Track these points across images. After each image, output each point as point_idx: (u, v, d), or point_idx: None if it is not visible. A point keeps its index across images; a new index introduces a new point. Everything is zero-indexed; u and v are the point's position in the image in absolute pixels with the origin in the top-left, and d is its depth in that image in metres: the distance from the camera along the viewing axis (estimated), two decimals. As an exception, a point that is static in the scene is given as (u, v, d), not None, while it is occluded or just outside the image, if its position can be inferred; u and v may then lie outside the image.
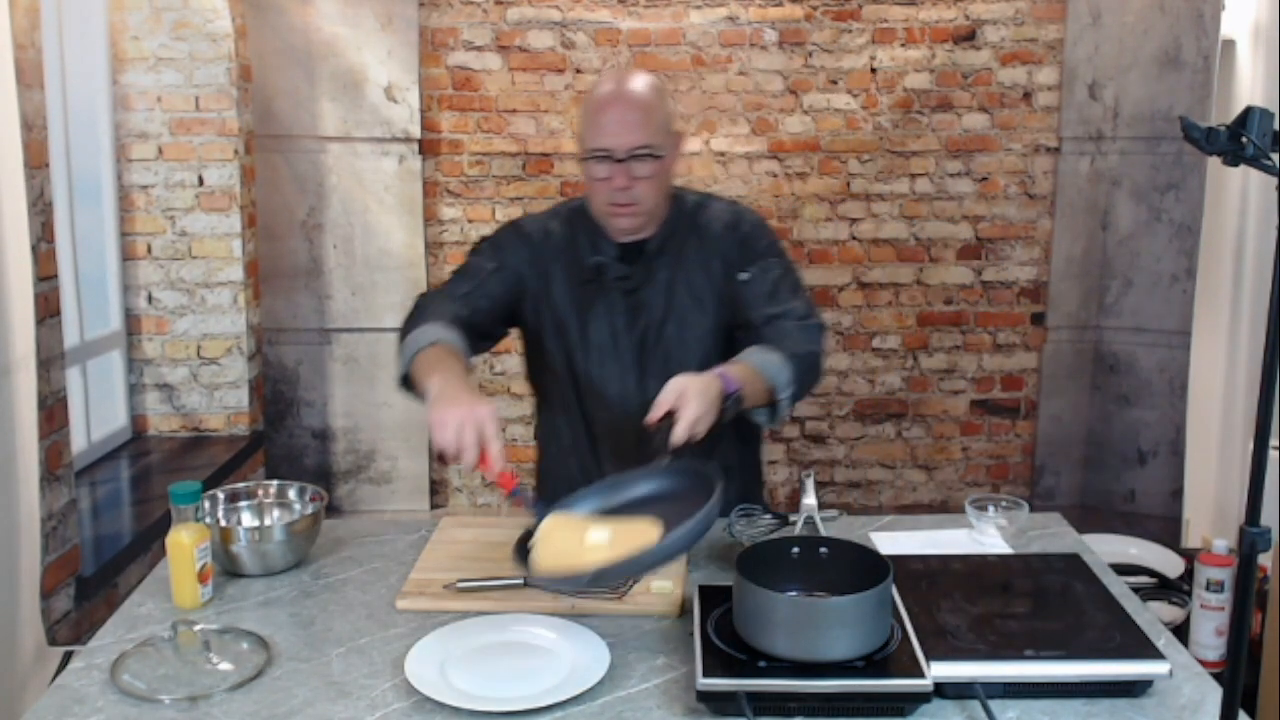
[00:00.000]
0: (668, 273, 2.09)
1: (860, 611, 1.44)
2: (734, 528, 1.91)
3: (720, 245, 2.10)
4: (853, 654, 1.43)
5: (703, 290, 2.09)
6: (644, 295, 2.09)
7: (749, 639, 1.47)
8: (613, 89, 2.00)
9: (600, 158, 1.96)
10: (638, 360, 2.09)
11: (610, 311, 2.09)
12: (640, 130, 1.95)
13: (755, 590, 1.46)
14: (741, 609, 1.49)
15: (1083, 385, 4.19)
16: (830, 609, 1.47)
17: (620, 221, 2.03)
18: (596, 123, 1.97)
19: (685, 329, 2.09)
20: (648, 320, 2.09)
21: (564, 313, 2.11)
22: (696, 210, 2.13)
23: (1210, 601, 2.44)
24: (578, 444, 2.18)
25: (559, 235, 2.13)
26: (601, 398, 2.11)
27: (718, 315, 2.09)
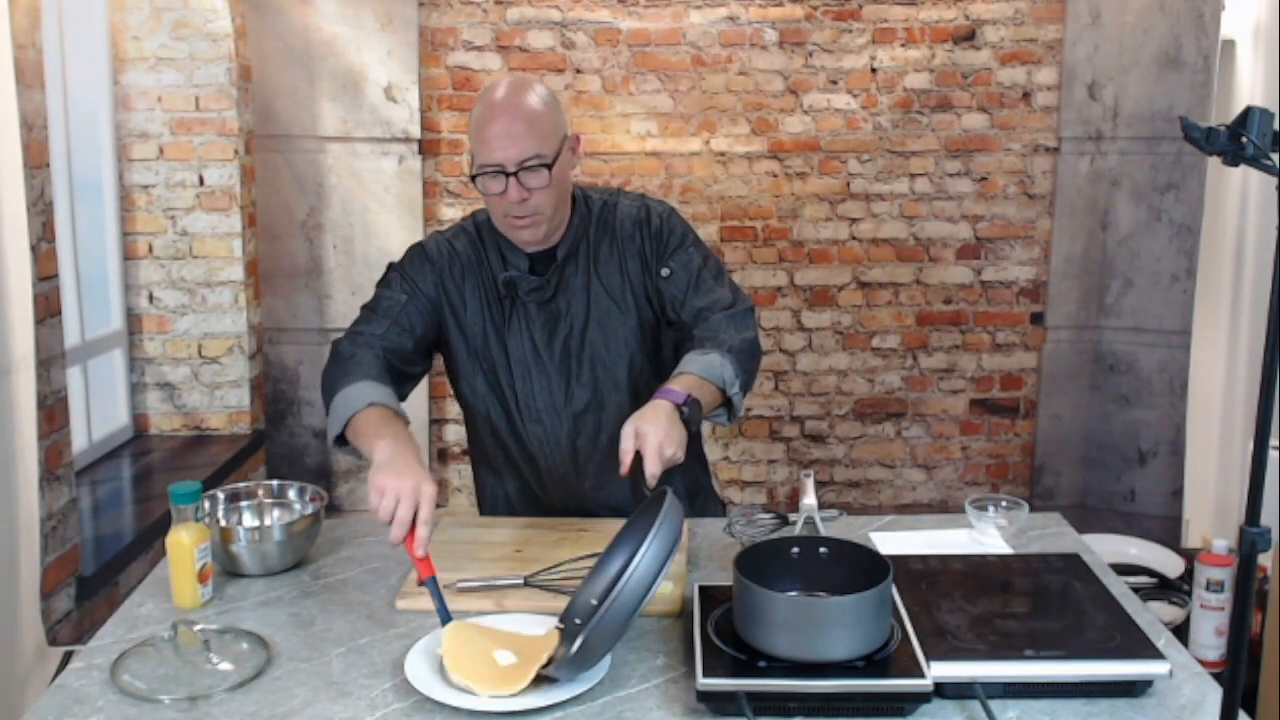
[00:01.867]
0: (583, 277, 2.06)
1: (860, 611, 1.44)
2: (734, 528, 1.91)
3: (633, 243, 2.07)
4: (853, 654, 1.43)
5: (620, 290, 2.07)
6: (560, 303, 2.06)
7: (749, 639, 1.47)
8: (495, 101, 1.93)
9: (492, 173, 1.90)
10: (563, 369, 2.07)
11: (528, 325, 2.06)
12: (527, 140, 1.89)
13: (755, 590, 1.46)
14: (741, 609, 1.49)
15: (1082, 385, 4.19)
16: (830, 609, 1.47)
17: (522, 234, 1.99)
18: (483, 138, 1.90)
19: (608, 331, 2.07)
20: (568, 328, 2.07)
21: (482, 332, 2.08)
22: (604, 210, 2.10)
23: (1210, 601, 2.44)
24: (511, 461, 2.16)
25: (466, 253, 2.08)
26: (531, 411, 2.09)
27: (639, 313, 2.07)
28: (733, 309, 2.02)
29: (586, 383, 2.08)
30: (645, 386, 2.08)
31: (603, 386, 2.08)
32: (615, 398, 2.09)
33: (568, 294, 2.06)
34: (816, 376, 4.21)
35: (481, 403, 2.13)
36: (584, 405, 2.09)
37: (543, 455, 2.12)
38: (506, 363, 2.08)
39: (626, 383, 2.09)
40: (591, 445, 2.11)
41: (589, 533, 1.99)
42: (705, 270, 2.06)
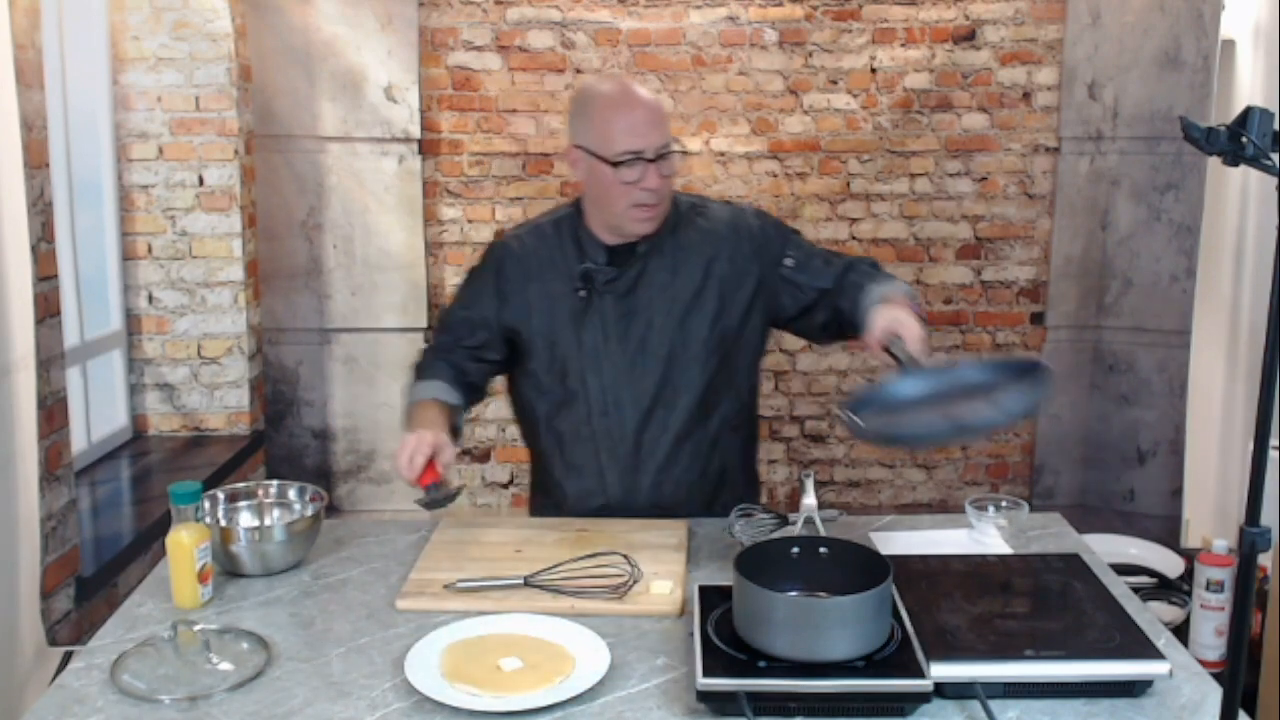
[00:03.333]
0: (667, 274, 2.09)
1: (860, 611, 1.44)
2: (734, 528, 1.91)
3: (727, 244, 2.10)
4: (853, 654, 1.43)
5: (701, 290, 2.09)
6: (640, 298, 2.09)
7: (749, 639, 1.47)
8: (623, 91, 2.03)
9: (632, 160, 1.97)
10: (636, 363, 2.09)
11: (603, 317, 2.09)
12: (663, 128, 2.00)
13: (755, 590, 1.46)
14: (741, 609, 1.49)
15: (1082, 385, 4.19)
16: (830, 609, 1.47)
17: (642, 225, 2.04)
18: (621, 126, 1.98)
19: (686, 329, 2.09)
20: (645, 323, 2.09)
21: (552, 325, 2.10)
22: (692, 211, 2.14)
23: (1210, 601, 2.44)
24: (572, 457, 2.16)
25: (541, 250, 2.13)
26: (599, 403, 2.11)
27: (719, 315, 2.10)
28: (865, 262, 2.11)
29: (658, 378, 2.09)
30: (715, 388, 2.11)
31: (674, 383, 2.09)
32: (685, 397, 2.10)
33: (649, 289, 2.08)
34: (817, 376, 4.21)
35: (542, 399, 2.15)
36: (653, 400, 2.10)
37: (606, 449, 2.13)
38: (579, 353, 2.10)
39: (698, 382, 2.10)
40: (656, 441, 2.11)
41: (589, 533, 1.99)
42: (817, 246, 2.17)
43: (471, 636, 1.60)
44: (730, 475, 2.20)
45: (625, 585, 1.74)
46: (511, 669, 1.50)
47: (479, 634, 1.61)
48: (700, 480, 2.15)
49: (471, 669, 1.50)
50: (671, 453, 2.12)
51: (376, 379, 4.11)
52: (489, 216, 4.11)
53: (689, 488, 2.14)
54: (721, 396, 2.13)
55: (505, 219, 4.10)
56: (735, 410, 2.17)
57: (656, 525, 2.04)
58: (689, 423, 2.11)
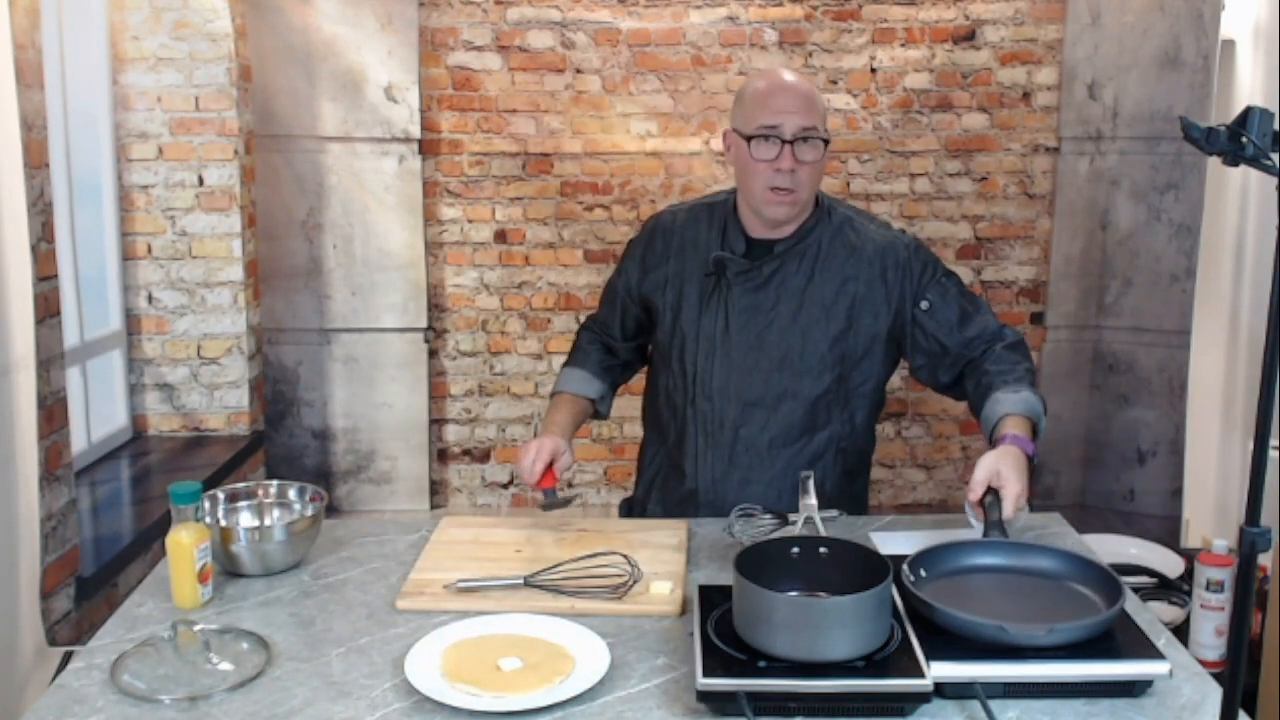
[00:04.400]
0: (801, 278, 2.08)
1: (860, 611, 1.44)
2: (734, 528, 1.91)
3: (872, 267, 2.08)
4: (853, 654, 1.43)
5: (836, 303, 2.08)
6: (769, 295, 2.08)
7: (749, 639, 1.47)
8: (779, 76, 2.07)
9: (767, 136, 1.98)
10: (748, 356, 2.09)
11: (726, 306, 2.09)
12: (809, 112, 2.00)
13: (755, 590, 1.46)
14: (741, 609, 1.49)
15: (1082, 385, 4.19)
16: (830, 609, 1.47)
17: (778, 209, 2.03)
18: (765, 104, 2.00)
19: (807, 338, 2.07)
20: (768, 321, 2.08)
21: (682, 303, 2.14)
22: (846, 223, 2.12)
23: (1210, 601, 2.44)
24: (675, 434, 2.19)
25: (690, 229, 2.16)
26: (704, 388, 2.12)
27: (842, 328, 2.08)
28: (1005, 337, 2.07)
29: (767, 378, 2.09)
30: (824, 405, 2.11)
31: (782, 388, 2.09)
32: (790, 404, 2.09)
33: (779, 289, 2.08)
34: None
35: (665, 372, 2.19)
36: (757, 398, 2.10)
37: (706, 435, 2.13)
38: (696, 336, 2.12)
39: (807, 393, 2.09)
40: (753, 439, 2.11)
41: (589, 533, 1.99)
42: (964, 299, 2.10)
43: (471, 636, 1.60)
44: (827, 494, 2.13)
45: (625, 585, 1.74)
46: (511, 669, 1.50)
47: (479, 634, 1.61)
48: (792, 492, 2.10)
49: (471, 669, 1.50)
50: (766, 455, 2.11)
51: (376, 379, 4.11)
52: (489, 216, 4.11)
53: (778, 494, 2.11)
54: (831, 415, 2.12)
55: (505, 219, 4.11)
56: (845, 433, 2.14)
57: (656, 525, 2.04)
58: (790, 431, 2.10)
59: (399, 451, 4.16)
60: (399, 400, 4.13)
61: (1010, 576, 1.68)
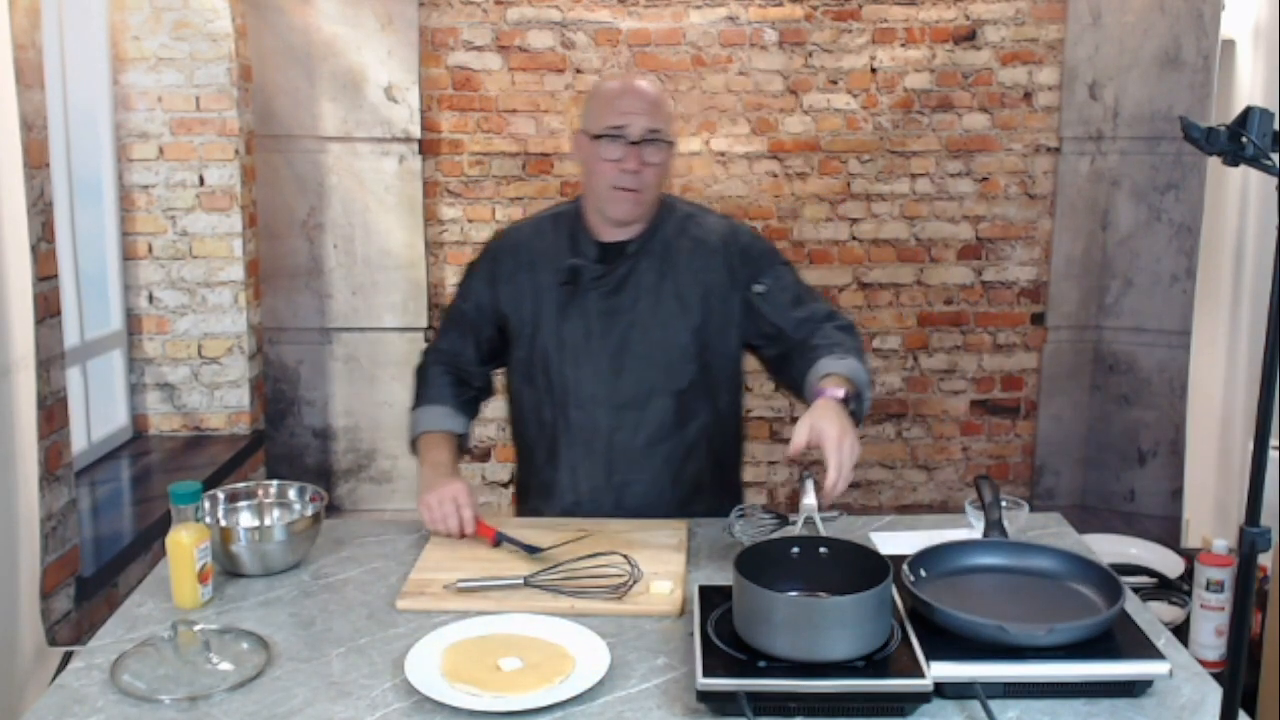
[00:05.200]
0: (654, 277, 2.10)
1: (860, 611, 1.44)
2: (734, 528, 1.91)
3: (717, 257, 2.11)
4: (853, 654, 1.43)
5: (690, 298, 2.10)
6: (625, 298, 2.10)
7: (749, 639, 1.47)
8: (627, 80, 2.08)
9: (613, 137, 2.00)
10: (614, 361, 2.10)
11: (586, 313, 2.10)
12: (654, 115, 2.02)
13: (755, 590, 1.46)
14: (741, 609, 1.49)
15: (1083, 385, 4.19)
16: (830, 609, 1.47)
17: (622, 207, 2.05)
18: (611, 105, 2.02)
19: (667, 334, 2.09)
20: (627, 322, 2.09)
21: (540, 315, 2.13)
22: (688, 220, 2.15)
23: (1210, 601, 2.44)
24: (550, 452, 2.18)
25: (542, 238, 2.16)
26: (575, 398, 2.12)
27: (703, 325, 2.10)
28: (836, 319, 2.08)
29: (635, 378, 2.10)
30: (692, 396, 2.12)
31: (650, 386, 2.10)
32: (660, 400, 2.11)
33: (635, 290, 2.09)
34: (816, 376, 4.21)
35: (528, 388, 2.17)
36: (628, 400, 2.10)
37: (580, 445, 2.14)
38: (559, 347, 2.11)
39: (675, 388, 2.11)
40: (628, 441, 2.12)
41: (589, 533, 1.99)
42: (799, 285, 2.13)
43: (471, 636, 1.60)
44: (705, 486, 2.19)
45: (625, 585, 1.74)
46: (511, 669, 1.50)
47: (479, 634, 1.61)
48: (672, 487, 2.15)
49: (471, 669, 1.50)
50: (643, 456, 2.12)
51: (377, 378, 4.11)
52: (489, 216, 4.11)
53: (659, 493, 2.14)
54: (699, 405, 2.14)
55: (505, 219, 4.10)
56: (713, 421, 2.17)
57: (656, 525, 2.04)
58: (663, 428, 2.12)
59: (400, 451, 4.15)
60: (400, 399, 4.11)
61: (1010, 576, 1.68)
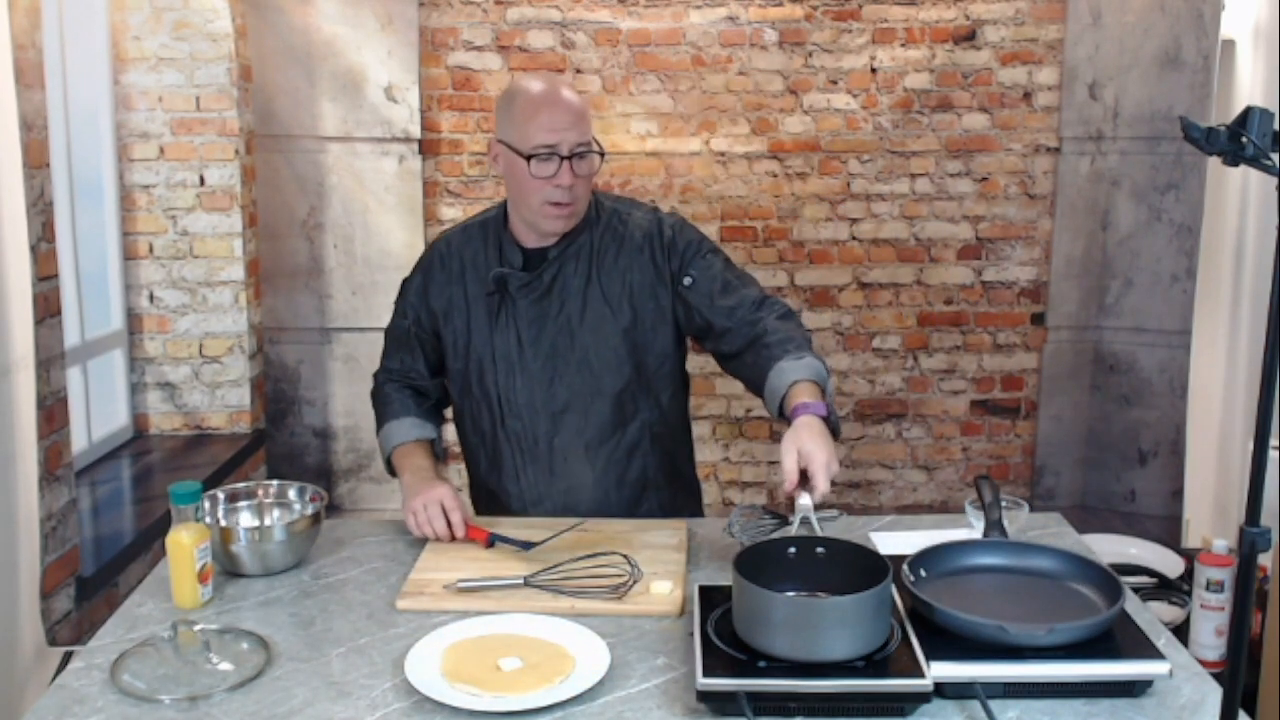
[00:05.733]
0: (581, 279, 2.08)
1: (860, 612, 1.44)
2: (734, 528, 1.91)
3: (642, 254, 2.09)
4: (853, 654, 1.43)
5: (619, 298, 2.08)
6: (553, 302, 2.08)
7: (748, 639, 1.47)
8: (547, 88, 2.00)
9: (545, 155, 1.96)
10: (547, 367, 2.09)
11: (516, 321, 2.09)
12: (581, 127, 1.99)
13: (754, 590, 1.46)
14: (741, 610, 1.49)
15: (1083, 385, 4.19)
16: (829, 609, 1.47)
17: (555, 223, 2.03)
18: (539, 122, 1.96)
19: (599, 336, 2.08)
20: (558, 327, 2.08)
21: (468, 328, 2.12)
22: (614, 217, 2.13)
23: (1210, 601, 2.44)
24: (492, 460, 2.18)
25: (466, 252, 2.14)
26: (511, 407, 2.12)
27: (634, 324, 2.09)
28: (773, 308, 2.05)
29: (570, 383, 2.09)
30: (630, 396, 2.11)
31: (586, 389, 2.09)
32: (598, 403, 2.10)
33: (562, 294, 2.08)
34: (817, 376, 4.21)
35: (467, 399, 2.17)
36: (564, 405, 2.10)
37: (520, 453, 2.14)
38: (492, 357, 2.11)
39: (611, 389, 2.10)
40: (569, 445, 2.12)
41: (589, 533, 1.99)
42: (727, 272, 2.10)
43: (471, 636, 1.60)
44: (654, 483, 2.18)
45: (625, 585, 1.74)
46: (511, 669, 1.50)
47: (479, 634, 1.61)
48: (617, 487, 2.15)
49: (471, 669, 1.50)
50: (585, 459, 2.11)
51: (377, 379, 4.11)
52: (489, 216, 4.10)
53: (605, 494, 2.14)
54: (638, 405, 2.13)
55: (505, 219, 4.10)
56: (655, 419, 2.15)
57: (656, 525, 2.04)
58: (603, 429, 2.11)
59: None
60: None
61: (1010, 576, 1.68)
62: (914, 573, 1.63)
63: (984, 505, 1.83)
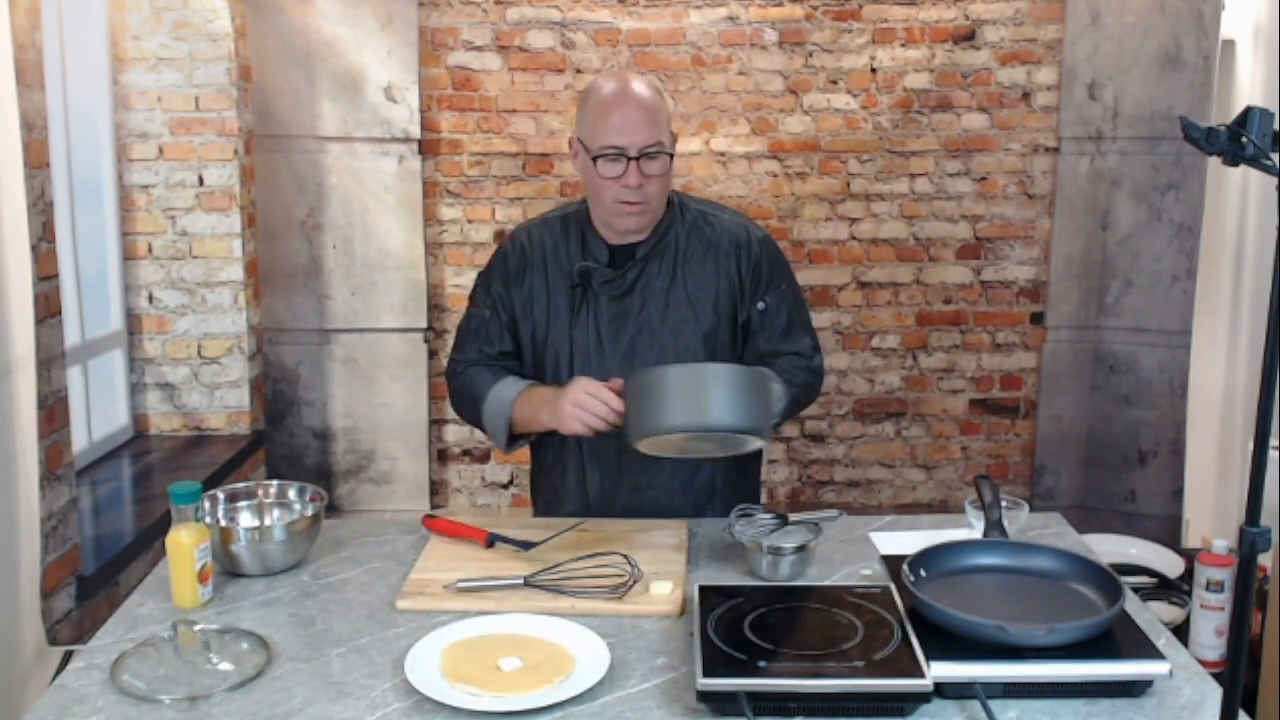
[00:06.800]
0: (665, 280, 2.09)
1: (736, 380, 1.72)
2: (734, 528, 1.91)
3: (729, 260, 2.10)
4: (735, 424, 1.71)
5: (701, 299, 2.09)
6: (634, 300, 2.09)
7: (644, 427, 1.75)
8: (620, 88, 2.00)
9: (613, 156, 1.97)
10: (625, 364, 2.08)
11: (597, 316, 2.09)
12: (651, 128, 1.97)
13: (643, 371, 1.78)
14: (634, 400, 1.76)
15: (1082, 385, 4.19)
16: (713, 370, 1.76)
17: (628, 221, 2.03)
18: (608, 121, 1.97)
19: (679, 337, 2.09)
20: (638, 326, 2.09)
21: (548, 320, 2.12)
22: (700, 219, 2.13)
23: (1210, 601, 2.44)
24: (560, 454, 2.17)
25: (548, 244, 2.13)
26: None
27: (714, 327, 2.10)
28: (811, 361, 2.14)
29: None
30: None
31: None
32: None
33: (644, 293, 2.09)
34: (816, 376, 4.21)
35: None
36: None
37: (590, 449, 2.13)
38: (569, 351, 2.10)
39: None
40: None
41: (589, 533, 1.99)
42: (797, 313, 2.15)
43: (471, 636, 1.60)
44: (720, 491, 2.18)
45: (625, 585, 1.74)
46: (511, 669, 1.50)
47: (479, 634, 1.61)
48: (684, 492, 2.15)
49: (471, 669, 1.50)
50: (653, 462, 2.08)
51: (376, 379, 4.11)
52: (489, 216, 4.11)
53: (670, 498, 2.14)
54: None
55: (505, 219, 4.10)
56: None
57: (656, 525, 2.04)
58: None
59: (399, 451, 4.16)
60: (399, 400, 4.13)
61: (1010, 576, 1.68)
62: (914, 573, 1.63)
63: (984, 505, 1.83)
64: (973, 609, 1.51)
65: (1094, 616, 1.51)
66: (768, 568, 1.83)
